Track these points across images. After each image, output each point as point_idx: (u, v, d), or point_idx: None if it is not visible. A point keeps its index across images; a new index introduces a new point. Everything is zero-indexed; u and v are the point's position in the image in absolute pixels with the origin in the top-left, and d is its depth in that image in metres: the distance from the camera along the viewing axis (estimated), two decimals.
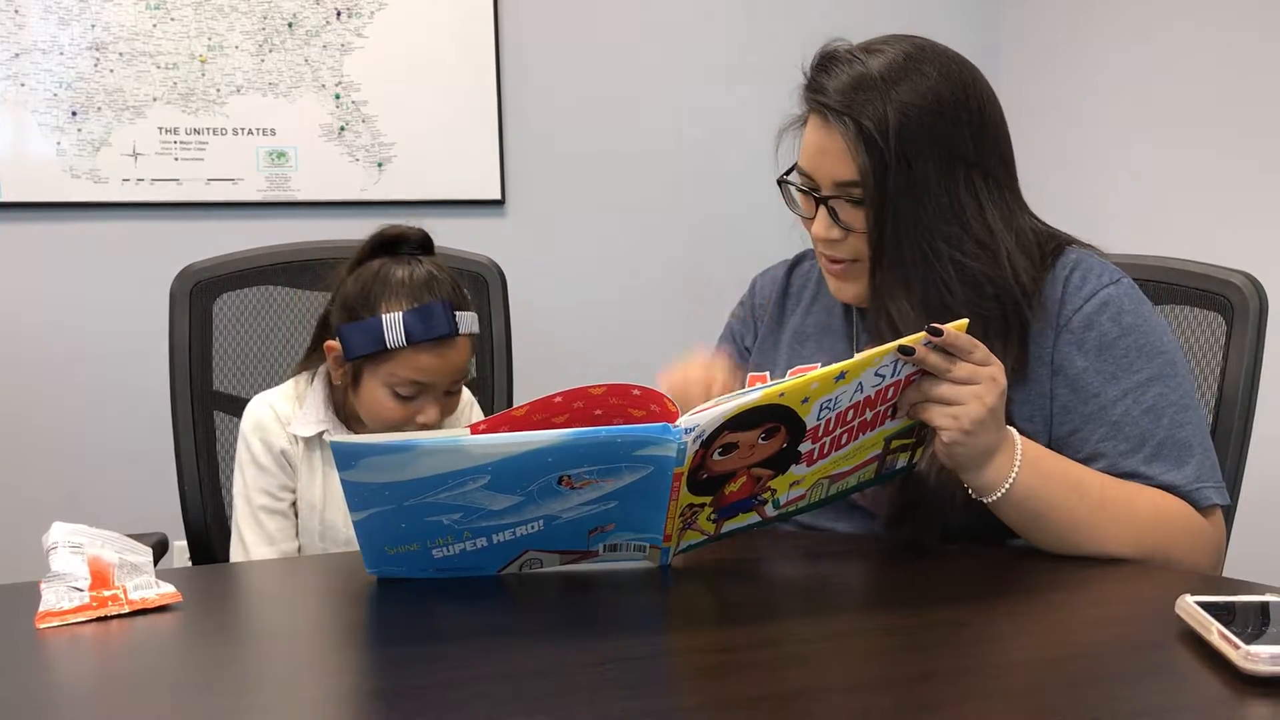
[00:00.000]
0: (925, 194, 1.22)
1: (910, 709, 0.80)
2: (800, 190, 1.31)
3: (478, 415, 1.71)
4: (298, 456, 1.60)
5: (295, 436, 1.59)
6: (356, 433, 1.58)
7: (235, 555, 1.62)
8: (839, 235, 1.27)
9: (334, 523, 1.59)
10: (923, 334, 1.09)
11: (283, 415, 1.60)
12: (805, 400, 1.06)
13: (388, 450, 1.01)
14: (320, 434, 1.58)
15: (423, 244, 1.60)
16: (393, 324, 1.49)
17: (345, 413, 1.60)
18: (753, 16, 3.06)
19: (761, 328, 1.48)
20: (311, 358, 1.64)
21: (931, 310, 1.21)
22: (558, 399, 1.08)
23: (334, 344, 1.55)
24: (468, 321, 1.55)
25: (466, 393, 1.71)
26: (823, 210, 1.28)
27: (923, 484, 1.23)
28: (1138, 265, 1.49)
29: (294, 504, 1.61)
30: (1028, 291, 1.23)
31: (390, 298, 1.52)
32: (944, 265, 1.22)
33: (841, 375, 1.06)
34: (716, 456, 1.07)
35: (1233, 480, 1.40)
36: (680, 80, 3.03)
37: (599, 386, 1.08)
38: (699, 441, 1.04)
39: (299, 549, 1.63)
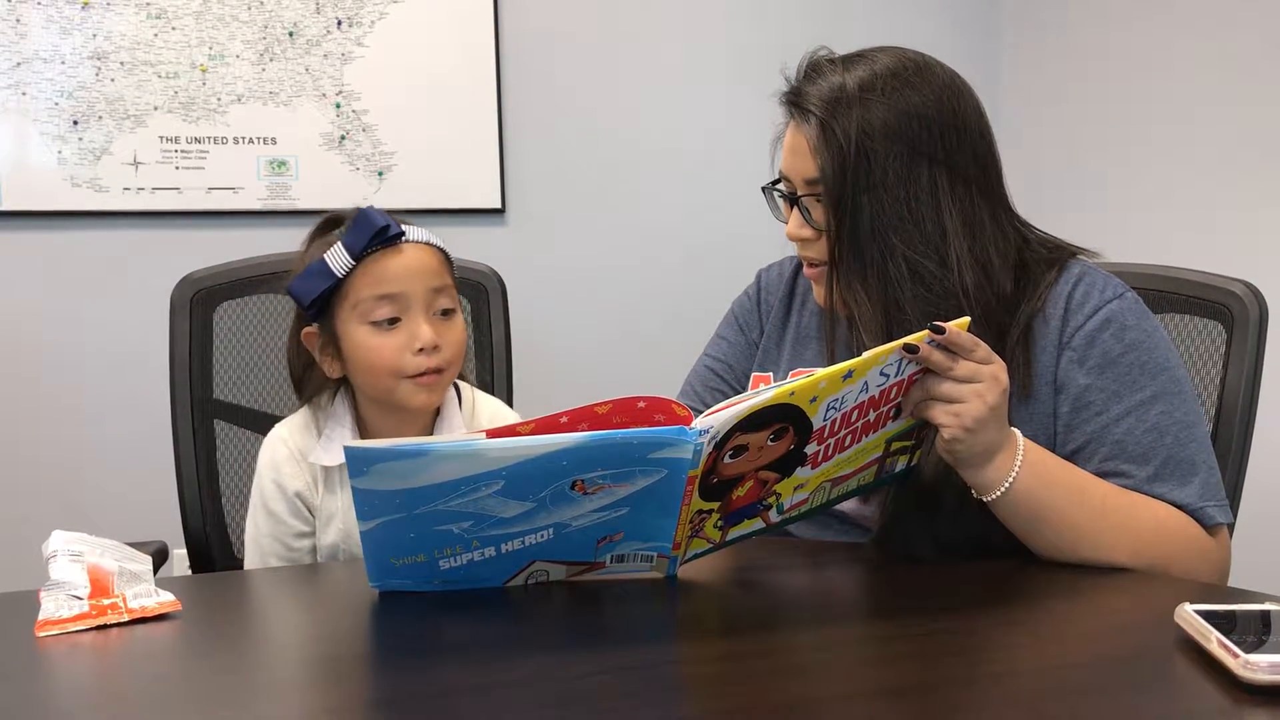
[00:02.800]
0: (884, 190, 1.23)
1: (911, 718, 0.80)
2: (780, 194, 1.32)
3: None
4: (315, 496, 1.49)
5: (316, 473, 1.48)
6: None
7: None
8: (810, 234, 1.29)
9: (357, 555, 1.45)
10: (926, 332, 1.10)
11: (298, 450, 1.49)
12: (814, 400, 1.06)
13: (402, 454, 1.00)
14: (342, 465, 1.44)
15: None
16: (334, 253, 1.41)
17: (370, 432, 1.50)
18: (754, 26, 3.06)
19: (767, 324, 1.48)
20: (307, 385, 1.53)
21: (888, 306, 1.23)
22: (563, 419, 1.07)
23: (309, 330, 1.47)
24: (419, 233, 1.45)
25: (509, 413, 1.62)
26: (796, 209, 1.30)
27: (911, 498, 1.23)
28: (1138, 274, 1.49)
29: (312, 550, 1.51)
30: (970, 295, 1.23)
31: (327, 243, 1.44)
32: (897, 262, 1.23)
33: (849, 374, 1.07)
34: (727, 459, 1.07)
35: (1233, 489, 1.40)
36: (680, 89, 3.03)
37: (604, 404, 1.07)
38: (713, 443, 1.04)
39: None
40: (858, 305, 1.25)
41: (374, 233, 1.40)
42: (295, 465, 1.49)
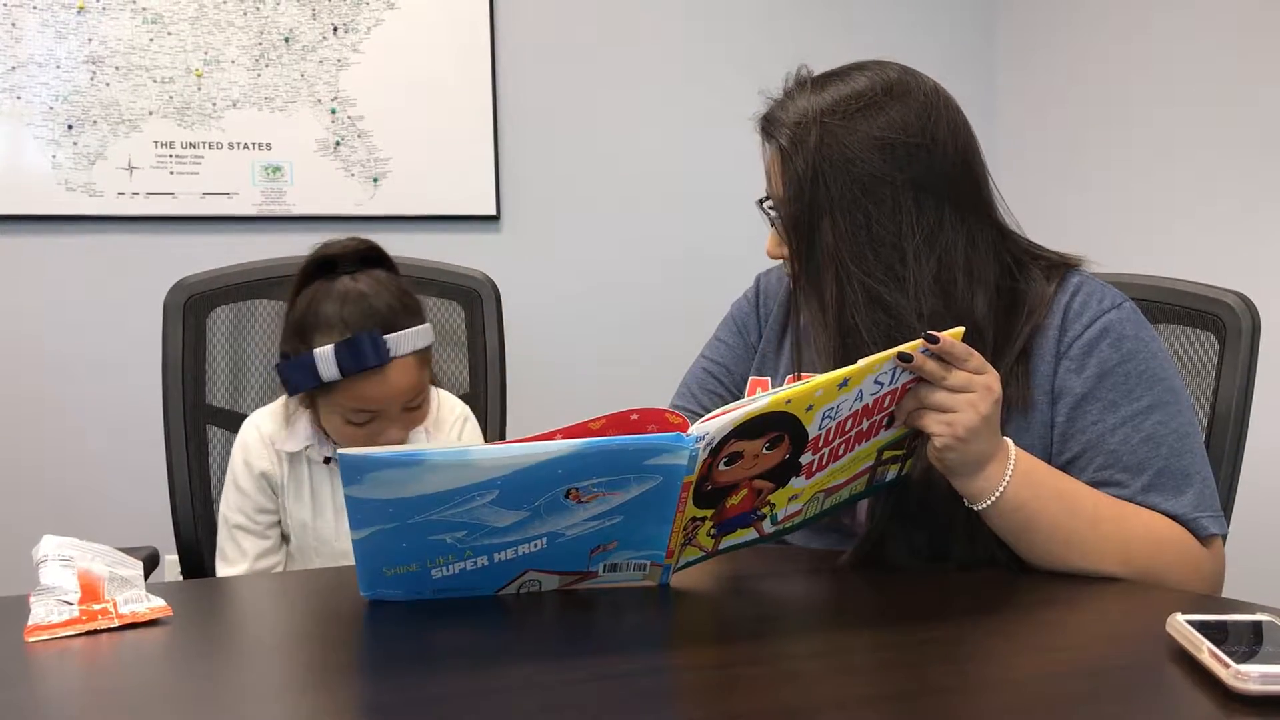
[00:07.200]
0: (841, 214, 1.22)
1: None
2: (764, 211, 1.33)
3: (471, 429, 1.70)
4: (282, 476, 1.61)
5: (280, 455, 1.60)
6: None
7: (218, 569, 1.65)
8: (787, 253, 1.29)
9: (326, 536, 1.60)
10: (920, 341, 1.10)
11: (268, 435, 1.62)
12: (809, 408, 1.06)
13: (397, 464, 1.00)
14: (305, 449, 1.60)
15: (363, 257, 1.55)
16: (323, 358, 1.48)
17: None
18: (750, 30, 3.07)
19: (766, 329, 1.48)
20: None
21: (844, 330, 1.22)
22: (558, 435, 1.07)
23: None
24: (406, 341, 1.51)
25: (460, 406, 1.71)
26: (773, 228, 1.31)
27: (901, 506, 1.23)
28: (1131, 285, 1.49)
29: (276, 524, 1.63)
30: (925, 321, 1.20)
31: (321, 330, 1.49)
32: (853, 287, 1.22)
33: (845, 382, 1.07)
34: (722, 466, 1.07)
35: (1225, 499, 1.40)
36: (676, 96, 3.04)
37: (597, 420, 1.07)
38: (708, 449, 1.04)
39: (282, 565, 1.63)
40: (814, 326, 1.26)
41: (366, 367, 1.48)
42: (263, 448, 1.62)
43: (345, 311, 1.49)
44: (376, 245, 1.57)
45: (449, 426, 1.67)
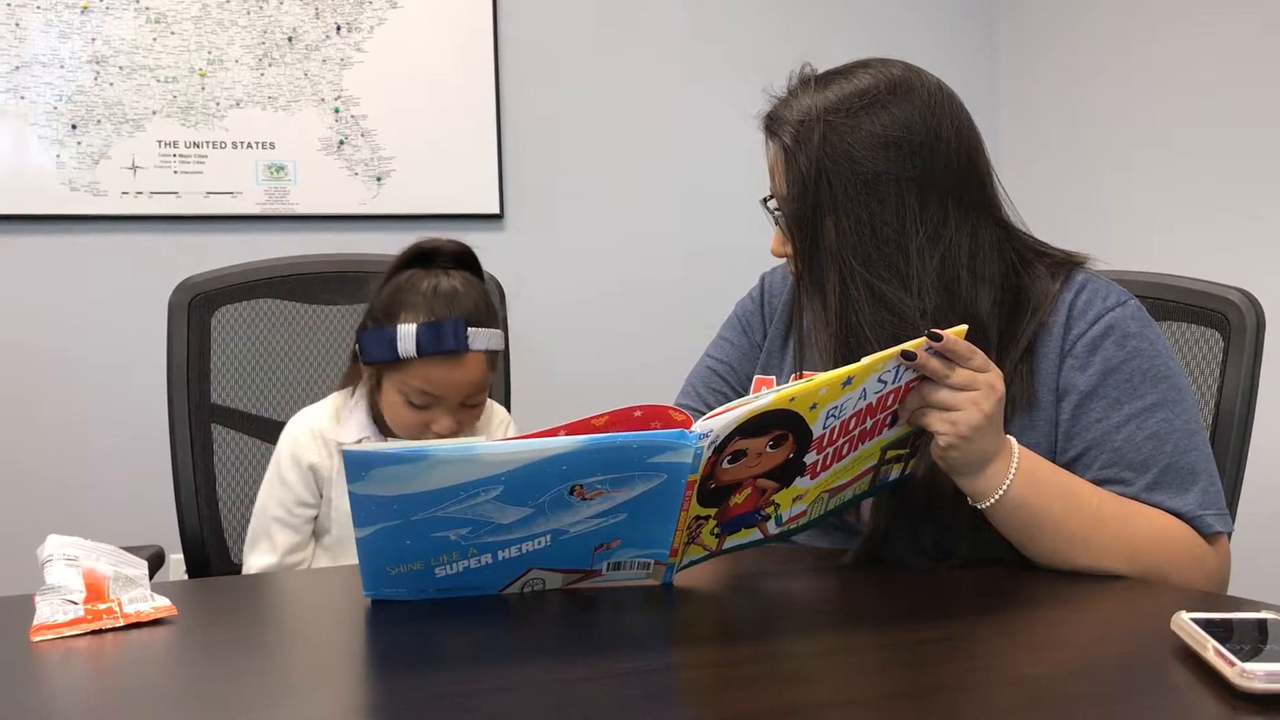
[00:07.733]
0: (845, 213, 1.22)
1: None
2: (768, 210, 1.33)
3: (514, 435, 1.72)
4: (331, 469, 1.63)
5: (332, 449, 1.63)
6: None
7: (246, 559, 1.66)
8: (791, 252, 1.29)
9: None
10: (924, 339, 1.10)
11: (318, 430, 1.65)
12: (813, 406, 1.06)
13: (401, 459, 1.00)
14: (360, 441, 1.63)
15: (458, 258, 1.64)
16: (405, 335, 1.54)
17: (385, 425, 1.63)
18: (754, 29, 3.07)
19: (771, 328, 1.48)
20: (351, 373, 1.68)
21: (846, 329, 1.22)
22: (561, 432, 1.07)
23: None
24: (483, 338, 1.58)
25: (502, 411, 1.75)
26: (777, 227, 1.31)
27: (905, 505, 1.23)
28: (1136, 282, 1.49)
29: (312, 520, 1.65)
30: (928, 318, 1.20)
31: (409, 309, 1.57)
32: (857, 285, 1.22)
33: (848, 380, 1.07)
34: (725, 464, 1.07)
35: (1230, 496, 1.40)
36: (679, 95, 3.04)
37: (600, 417, 1.07)
38: (712, 447, 1.04)
39: (307, 562, 1.65)
40: (816, 325, 1.26)
41: (443, 350, 1.55)
42: (313, 441, 1.65)
43: (434, 299, 1.57)
44: (471, 250, 1.66)
45: (500, 432, 1.71)
